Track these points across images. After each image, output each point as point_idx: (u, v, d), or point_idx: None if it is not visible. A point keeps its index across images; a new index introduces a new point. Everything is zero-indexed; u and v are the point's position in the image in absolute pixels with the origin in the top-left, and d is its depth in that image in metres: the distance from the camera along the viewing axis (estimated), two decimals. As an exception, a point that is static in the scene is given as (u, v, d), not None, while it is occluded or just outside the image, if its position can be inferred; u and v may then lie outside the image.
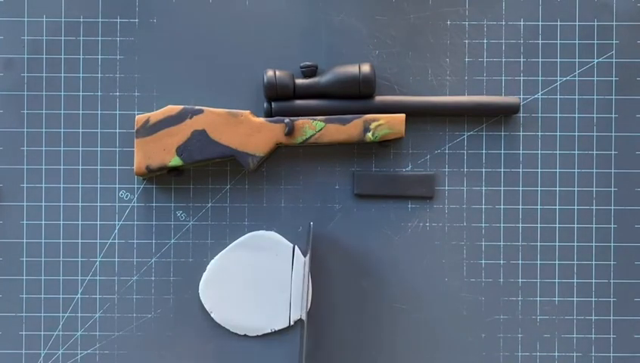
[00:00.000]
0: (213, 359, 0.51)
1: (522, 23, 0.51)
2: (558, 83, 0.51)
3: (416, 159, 0.51)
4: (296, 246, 0.50)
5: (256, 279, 0.51)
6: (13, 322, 0.51)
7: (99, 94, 0.51)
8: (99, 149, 0.51)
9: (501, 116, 0.51)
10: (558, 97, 0.51)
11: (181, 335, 0.51)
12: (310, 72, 0.49)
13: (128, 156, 0.51)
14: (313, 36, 0.51)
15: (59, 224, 0.51)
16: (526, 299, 0.51)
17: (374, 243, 0.51)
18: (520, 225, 0.51)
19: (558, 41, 0.51)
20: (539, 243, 0.51)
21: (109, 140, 0.51)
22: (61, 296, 0.51)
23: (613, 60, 0.51)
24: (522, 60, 0.51)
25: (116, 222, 0.51)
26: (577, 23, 0.51)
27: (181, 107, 0.49)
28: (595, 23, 0.51)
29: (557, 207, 0.51)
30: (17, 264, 0.51)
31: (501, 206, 0.51)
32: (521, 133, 0.51)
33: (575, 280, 0.51)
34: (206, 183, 0.51)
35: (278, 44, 0.51)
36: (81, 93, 0.51)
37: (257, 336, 0.51)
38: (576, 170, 0.51)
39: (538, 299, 0.51)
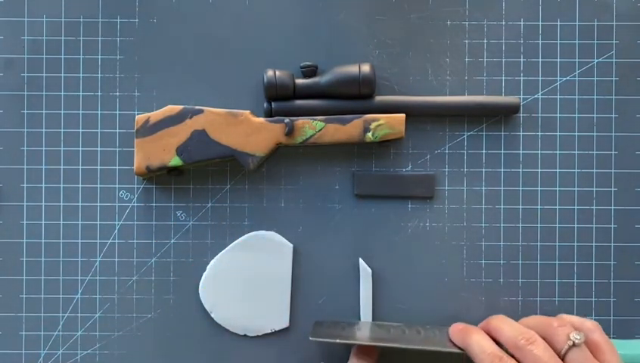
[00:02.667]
0: (213, 359, 0.51)
1: (522, 23, 0.51)
2: (558, 83, 0.51)
3: (416, 159, 0.51)
4: (360, 259, 0.51)
5: (256, 279, 0.51)
6: (14, 322, 0.51)
7: (99, 94, 0.51)
8: (99, 149, 0.51)
9: (501, 116, 0.51)
10: (558, 97, 0.51)
11: (181, 335, 0.51)
12: (310, 72, 0.49)
13: (128, 156, 0.51)
14: (313, 36, 0.51)
15: (59, 224, 0.51)
16: (526, 299, 0.51)
17: (374, 243, 0.51)
18: (520, 225, 0.51)
19: (558, 41, 0.51)
20: (539, 243, 0.51)
21: (109, 140, 0.51)
22: (61, 296, 0.51)
23: (613, 60, 0.51)
24: (522, 60, 0.51)
25: (116, 222, 0.51)
26: (577, 23, 0.51)
27: (181, 107, 0.49)
28: (595, 23, 0.51)
29: (557, 207, 0.51)
30: (17, 264, 0.51)
31: (501, 206, 0.51)
32: (521, 133, 0.51)
33: (575, 281, 0.51)
34: (206, 183, 0.51)
35: (278, 44, 0.51)
36: (81, 93, 0.51)
37: (257, 336, 0.51)
38: (576, 170, 0.51)
39: (538, 299, 0.51)
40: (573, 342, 0.40)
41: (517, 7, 0.51)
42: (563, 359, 0.41)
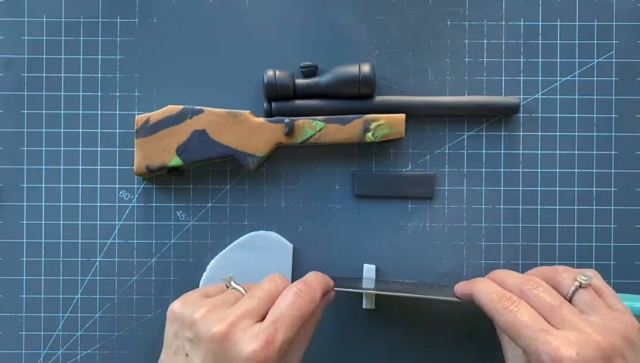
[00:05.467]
0: (213, 359, 0.51)
1: (522, 23, 0.51)
2: (558, 83, 0.51)
3: (416, 159, 0.51)
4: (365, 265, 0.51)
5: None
6: (14, 322, 0.51)
7: (99, 94, 0.51)
8: (99, 149, 0.51)
9: (501, 116, 0.51)
10: (558, 97, 0.51)
11: (181, 335, 0.51)
12: (310, 72, 0.49)
13: (128, 156, 0.51)
14: (313, 36, 0.51)
15: (59, 224, 0.51)
16: (526, 299, 0.51)
17: (374, 243, 0.51)
18: (520, 225, 0.51)
19: (558, 41, 0.51)
20: (539, 243, 0.51)
21: (109, 140, 0.51)
22: (61, 296, 0.51)
23: (613, 60, 0.51)
24: (522, 60, 0.51)
25: (116, 222, 0.51)
26: (577, 23, 0.51)
27: (181, 107, 0.49)
28: (595, 23, 0.51)
29: (557, 207, 0.51)
30: (17, 264, 0.51)
31: (501, 206, 0.51)
32: (521, 133, 0.51)
33: (575, 280, 0.51)
34: (206, 183, 0.51)
35: (278, 44, 0.51)
36: (81, 93, 0.51)
37: (257, 336, 0.51)
38: (576, 170, 0.51)
39: (538, 299, 0.51)
40: (580, 283, 0.41)
41: (517, 7, 0.51)
42: (570, 301, 0.41)
